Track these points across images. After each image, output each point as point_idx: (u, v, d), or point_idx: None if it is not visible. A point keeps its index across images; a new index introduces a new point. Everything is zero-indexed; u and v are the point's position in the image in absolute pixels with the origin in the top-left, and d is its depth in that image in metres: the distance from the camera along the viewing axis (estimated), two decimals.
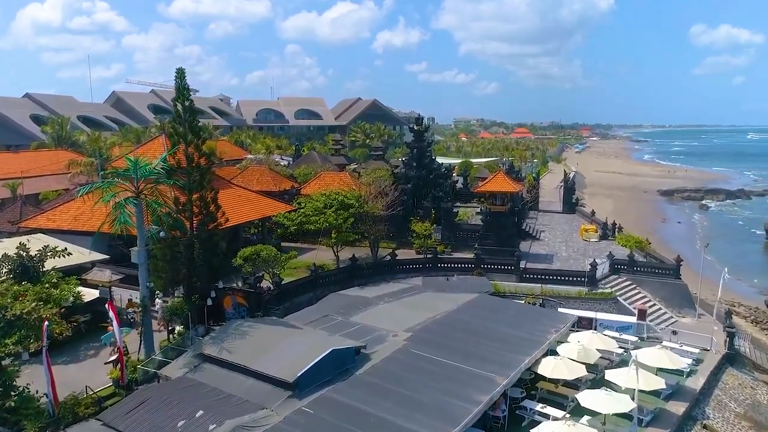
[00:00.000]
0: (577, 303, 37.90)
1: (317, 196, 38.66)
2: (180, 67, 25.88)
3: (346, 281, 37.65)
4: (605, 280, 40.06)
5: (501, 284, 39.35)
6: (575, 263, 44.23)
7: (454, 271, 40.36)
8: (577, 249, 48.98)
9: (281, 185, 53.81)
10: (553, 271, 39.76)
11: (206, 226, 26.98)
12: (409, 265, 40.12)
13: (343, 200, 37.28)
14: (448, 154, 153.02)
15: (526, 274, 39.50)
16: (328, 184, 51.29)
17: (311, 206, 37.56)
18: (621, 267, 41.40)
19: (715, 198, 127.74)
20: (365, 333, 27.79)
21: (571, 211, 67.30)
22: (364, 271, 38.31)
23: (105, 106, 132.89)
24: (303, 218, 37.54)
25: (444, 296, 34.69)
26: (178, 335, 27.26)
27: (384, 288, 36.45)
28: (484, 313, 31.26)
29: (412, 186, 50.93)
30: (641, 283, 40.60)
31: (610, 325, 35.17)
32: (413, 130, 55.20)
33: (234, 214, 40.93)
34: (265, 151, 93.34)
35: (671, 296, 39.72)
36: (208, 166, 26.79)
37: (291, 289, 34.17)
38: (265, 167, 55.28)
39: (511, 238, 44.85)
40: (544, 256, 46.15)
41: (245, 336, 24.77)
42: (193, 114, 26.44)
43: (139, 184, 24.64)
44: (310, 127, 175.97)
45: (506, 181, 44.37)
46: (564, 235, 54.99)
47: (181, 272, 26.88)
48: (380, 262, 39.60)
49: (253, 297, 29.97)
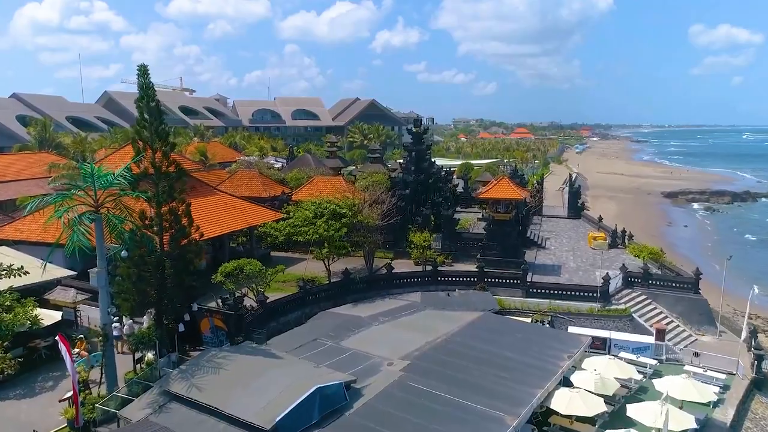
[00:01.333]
0: (589, 320, 35.01)
1: (307, 204, 35.65)
2: (142, 64, 22.92)
3: (338, 297, 34.66)
4: (618, 294, 37.10)
5: (506, 299, 36.40)
6: (585, 275, 41.30)
7: (455, 285, 37.40)
8: (586, 259, 46.03)
9: (271, 191, 50.83)
10: (562, 285, 36.78)
11: (178, 242, 23.96)
12: (407, 279, 37.14)
13: (334, 209, 34.28)
14: (447, 155, 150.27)
15: (533, 288, 36.53)
16: (321, 190, 48.32)
17: (300, 216, 34.57)
18: (635, 280, 38.45)
19: (721, 200, 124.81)
20: (357, 361, 24.84)
21: (577, 216, 64.36)
22: (358, 286, 35.31)
23: (96, 107, 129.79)
24: (291, 229, 34.53)
25: (444, 315, 31.72)
26: (147, 365, 24.24)
27: (379, 305, 33.45)
28: (489, 336, 28.31)
29: (411, 191, 47.96)
30: (656, 298, 37.64)
31: (625, 346, 32.32)
32: (411, 132, 52.21)
33: (218, 224, 38.02)
34: (259, 153, 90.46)
35: (689, 312, 36.78)
36: (178, 175, 23.75)
37: (277, 308, 31.17)
38: (254, 171, 52.26)
39: (515, 249, 41.90)
40: (551, 266, 43.19)
41: (219, 369, 21.77)
42: (160, 116, 23.40)
43: (98, 197, 21.62)
44: (307, 127, 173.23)
45: (511, 187, 41.41)
46: (571, 243, 52.04)
47: (150, 294, 23.85)
48: (375, 277, 36.60)
49: (232, 320, 26.99)
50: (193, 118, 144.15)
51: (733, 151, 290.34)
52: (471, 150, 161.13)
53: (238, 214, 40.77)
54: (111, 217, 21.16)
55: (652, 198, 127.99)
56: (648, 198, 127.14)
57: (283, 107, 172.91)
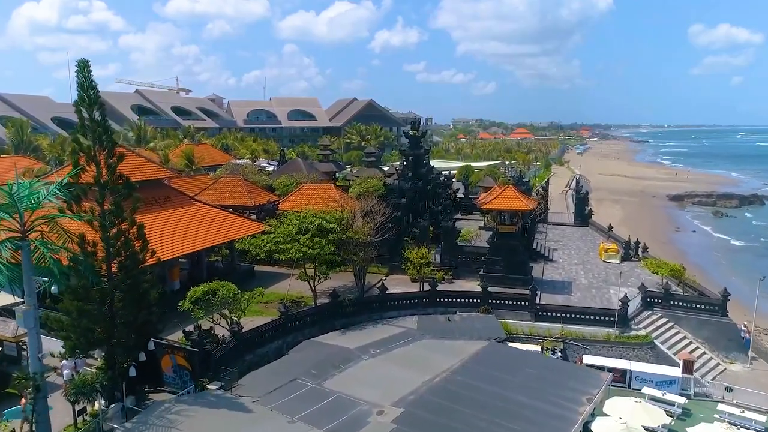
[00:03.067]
0: (606, 348, 31.30)
1: (291, 218, 31.86)
2: (82, 59, 19.11)
3: (325, 322, 30.90)
4: (637, 318, 33.36)
5: (512, 324, 32.66)
6: (598, 293, 37.60)
7: (455, 307, 33.65)
8: (598, 273, 42.31)
9: (257, 199, 47.03)
10: (576, 308, 33.00)
11: (128, 270, 20.19)
12: (402, 300, 33.38)
13: (320, 224, 30.50)
14: (447, 157, 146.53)
15: (543, 311, 32.78)
16: (310, 199, 44.57)
17: (283, 231, 30.79)
18: (654, 300, 34.72)
19: (728, 204, 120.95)
20: (341, 409, 21.12)
21: (584, 224, 60.61)
22: (347, 310, 31.55)
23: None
24: (273, 245, 30.75)
25: (444, 346, 27.97)
26: (92, 416, 20.47)
27: (370, 333, 29.70)
28: (496, 374, 24.58)
29: (407, 200, 44.17)
30: (679, 321, 33.94)
31: (648, 380, 28.59)
32: (408, 135, 48.43)
33: (193, 239, 34.27)
34: (250, 156, 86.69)
35: (716, 337, 33.11)
36: (127, 191, 19.98)
37: (254, 338, 27.38)
38: (239, 178, 48.45)
39: (522, 264, 38.16)
40: (561, 284, 39.47)
41: (171, 430, 18.00)
42: (105, 122, 19.62)
43: (25, 219, 17.83)
44: (303, 128, 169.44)
45: (517, 196, 37.63)
46: (580, 255, 48.32)
47: (96, 332, 20.11)
48: (367, 299, 32.84)
49: (197, 357, 23.20)
50: (186, 119, 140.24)
51: (731, 152, 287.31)
52: (471, 151, 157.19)
53: (216, 227, 36.98)
54: (39, 244, 17.37)
55: (658, 201, 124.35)
56: (653, 201, 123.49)
57: (278, 107, 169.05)
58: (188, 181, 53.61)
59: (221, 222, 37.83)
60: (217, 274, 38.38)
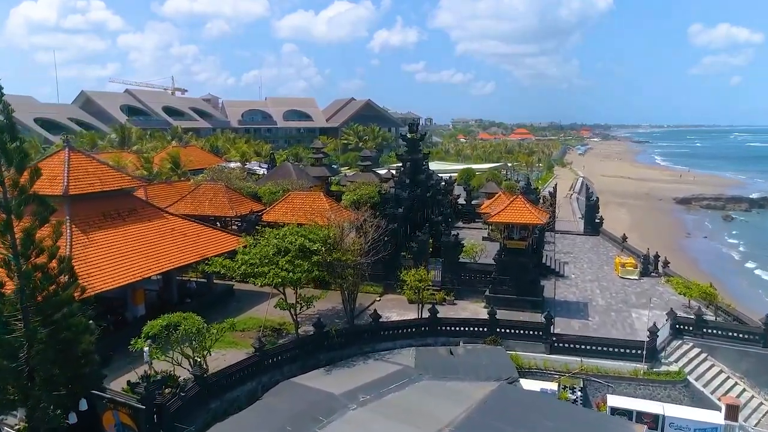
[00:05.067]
0: (633, 386, 27.12)
1: (269, 236, 27.61)
2: None
3: (308, 356, 26.72)
4: (667, 348, 29.15)
5: (524, 356, 28.48)
6: (618, 317, 33.43)
7: (459, 336, 29.45)
8: (616, 292, 38.14)
9: (240, 208, 42.82)
10: (597, 339, 28.68)
11: (47, 314, 15.99)
12: (398, 329, 29.14)
13: (303, 244, 26.27)
14: (447, 158, 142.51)
15: (559, 342, 28.55)
16: (297, 209, 40.44)
17: (258, 252, 26.53)
18: (684, 327, 30.53)
19: (738, 207, 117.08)
20: None
21: (595, 233, 56.42)
22: (334, 341, 27.34)
23: (71, 108, 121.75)
24: (247, 268, 26.51)
25: (447, 389, 23.76)
26: None
27: (360, 371, 25.49)
28: (509, 430, 20.37)
29: (405, 210, 39.93)
30: (713, 352, 29.72)
31: (685, 427, 24.48)
32: (406, 138, 44.26)
33: (160, 258, 30.10)
34: (240, 158, 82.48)
35: (758, 371, 28.86)
36: (42, 215, 15.75)
37: (222, 382, 23.16)
38: (220, 185, 44.19)
39: (533, 285, 34.00)
40: (576, 305, 35.30)
41: None
42: (13, 129, 15.39)
43: None
44: (300, 129, 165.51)
45: (527, 208, 33.44)
46: (593, 269, 44.17)
47: (9, 392, 15.90)
48: (357, 329, 28.59)
49: (144, 415, 18.98)
50: (178, 119, 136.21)
51: (723, 153, 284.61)
52: (471, 152, 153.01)
53: (189, 243, 32.78)
54: None
55: (664, 204, 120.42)
56: (660, 205, 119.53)
57: (274, 108, 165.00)
58: (167, 187, 49.48)
59: (194, 237, 33.64)
60: (191, 295, 34.32)
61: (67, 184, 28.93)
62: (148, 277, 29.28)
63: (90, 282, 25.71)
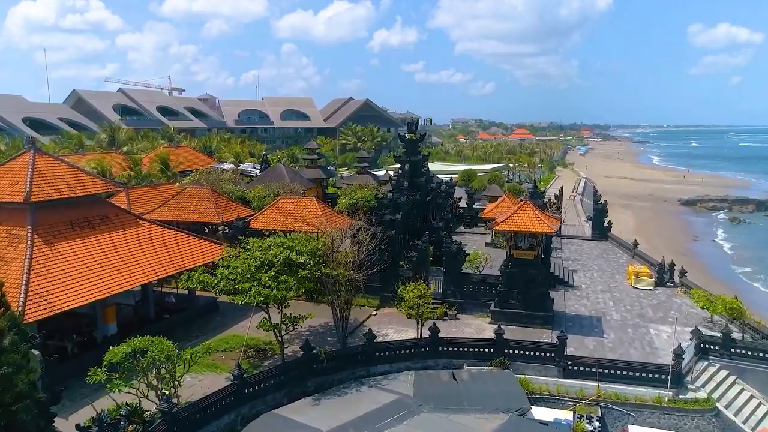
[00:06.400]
0: (656, 415, 24.39)
1: (253, 248, 24.78)
2: None
3: (294, 382, 23.95)
4: (693, 371, 26.37)
5: (534, 381, 25.72)
6: (636, 334, 30.68)
7: (463, 358, 26.66)
8: (631, 305, 35.39)
9: (227, 214, 40.01)
10: (616, 363, 25.86)
11: None
12: (395, 350, 26.34)
13: (288, 257, 23.48)
14: (447, 159, 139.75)
15: (574, 365, 25.77)
16: (288, 215, 37.67)
17: (240, 266, 23.72)
18: (710, 347, 27.74)
19: (745, 209, 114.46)
20: None
21: (603, 238, 53.74)
22: (324, 366, 24.56)
23: (62, 107, 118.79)
24: (227, 284, 23.70)
25: (450, 425, 20.98)
26: None
27: (352, 402, 22.71)
28: None
29: (403, 215, 37.16)
30: (742, 374, 26.87)
31: None
32: (404, 139, 41.53)
33: (132, 272, 27.30)
34: (234, 159, 79.66)
35: None
36: None
37: (194, 415, 20.37)
38: (206, 189, 41.35)
39: (542, 298, 31.24)
40: (588, 320, 32.55)
41: None
42: None
43: None
44: (297, 129, 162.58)
45: (536, 215, 30.65)
46: (604, 278, 41.42)
47: None
48: (349, 351, 25.79)
49: None
50: (173, 119, 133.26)
51: (726, 153, 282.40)
52: (471, 152, 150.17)
53: (167, 254, 29.98)
54: None
55: (669, 206, 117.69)
56: (665, 206, 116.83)
57: (271, 107, 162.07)
58: (151, 191, 46.69)
59: (174, 247, 30.84)
60: (170, 310, 31.55)
61: (30, 190, 26.14)
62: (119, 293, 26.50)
63: (50, 300, 23.11)
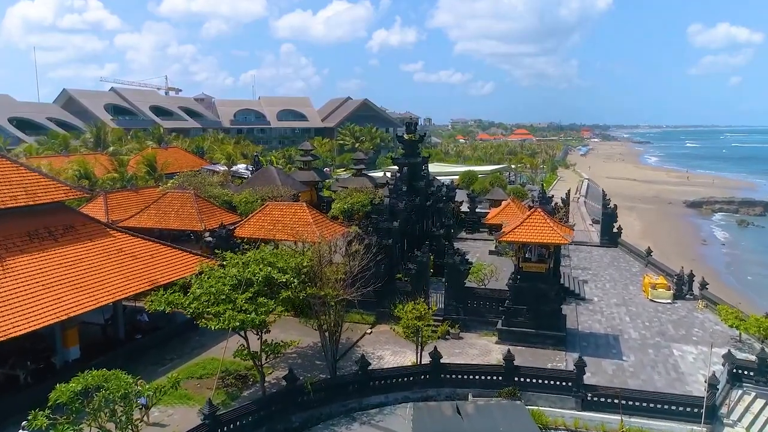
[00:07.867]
0: None
1: (229, 265, 21.81)
2: None
3: (276, 418, 20.97)
4: (727, 402, 23.44)
5: (549, 413, 22.79)
6: (658, 355, 27.76)
7: (468, 387, 23.71)
8: (649, 321, 32.46)
9: (210, 221, 37.04)
10: (642, 394, 22.90)
11: None
12: (391, 379, 23.36)
13: (268, 276, 20.50)
14: (447, 160, 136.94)
15: (594, 396, 22.81)
16: (276, 222, 34.69)
17: (213, 285, 20.68)
18: (744, 372, 24.81)
19: (752, 211, 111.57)
20: None
21: (613, 244, 50.85)
22: (310, 397, 21.58)
23: (52, 107, 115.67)
24: (199, 305, 20.71)
25: None
26: None
27: None
28: None
29: (401, 223, 34.22)
30: None
31: None
32: (403, 140, 38.63)
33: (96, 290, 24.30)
34: (226, 161, 76.77)
35: None
36: None
37: None
38: (189, 193, 38.34)
39: (554, 316, 28.28)
40: (605, 339, 29.61)
41: None
42: None
43: None
44: (294, 129, 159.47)
45: (547, 224, 27.67)
46: (617, 289, 38.51)
47: None
48: (340, 381, 22.79)
49: None
50: (166, 119, 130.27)
51: (723, 154, 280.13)
52: (472, 153, 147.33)
53: (138, 267, 27.00)
54: None
55: (675, 208, 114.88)
56: (670, 209, 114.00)
57: (267, 107, 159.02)
58: (132, 195, 43.74)
59: (147, 259, 27.86)
60: (142, 330, 28.54)
61: None
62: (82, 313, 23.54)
63: None
